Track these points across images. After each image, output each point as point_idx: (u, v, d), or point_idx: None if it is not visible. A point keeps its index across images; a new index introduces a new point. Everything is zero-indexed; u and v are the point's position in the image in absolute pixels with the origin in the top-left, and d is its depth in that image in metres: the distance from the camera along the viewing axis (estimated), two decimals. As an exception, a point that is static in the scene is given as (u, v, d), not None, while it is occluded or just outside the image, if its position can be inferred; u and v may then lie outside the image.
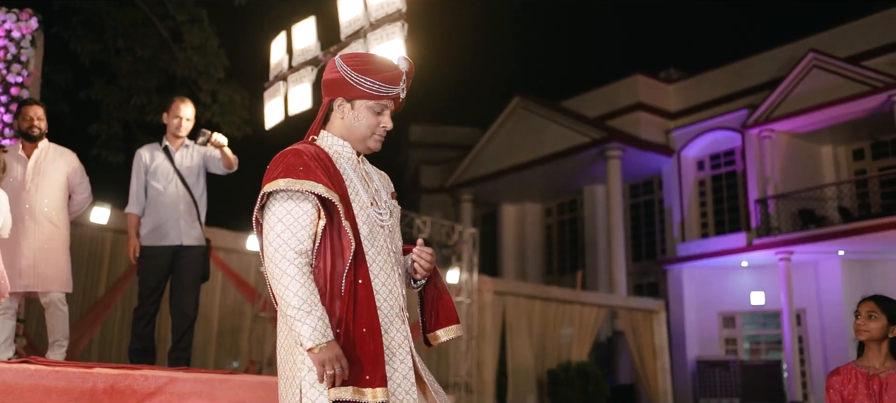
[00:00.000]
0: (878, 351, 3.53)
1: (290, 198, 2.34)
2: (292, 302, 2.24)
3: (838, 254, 17.86)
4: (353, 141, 2.52)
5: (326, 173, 2.37)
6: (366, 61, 2.49)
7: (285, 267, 2.27)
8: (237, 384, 3.69)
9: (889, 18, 17.36)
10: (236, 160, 5.40)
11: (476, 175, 23.10)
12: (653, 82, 21.42)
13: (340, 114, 2.50)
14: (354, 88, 2.45)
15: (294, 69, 5.91)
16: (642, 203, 22.18)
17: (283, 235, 2.30)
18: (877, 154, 18.72)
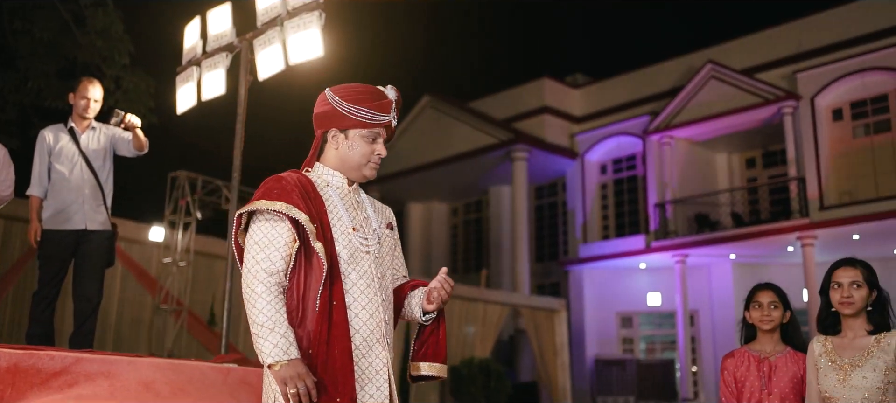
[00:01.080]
0: (771, 338, 3.78)
1: (266, 221, 2.39)
2: (257, 318, 2.27)
3: (730, 258, 18.67)
4: (347, 170, 2.56)
5: (305, 198, 2.41)
6: (357, 92, 2.53)
7: (255, 285, 2.31)
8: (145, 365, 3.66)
9: (781, 34, 18.21)
10: (147, 143, 5.31)
11: (383, 173, 23.10)
12: (559, 86, 21.88)
13: (335, 145, 2.54)
14: (347, 118, 2.50)
15: (208, 54, 5.85)
16: (546, 204, 22.63)
17: (257, 256, 2.35)
18: (767, 163, 19.65)
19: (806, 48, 17.52)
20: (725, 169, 20.09)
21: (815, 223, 16.36)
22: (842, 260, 3.51)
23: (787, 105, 17.19)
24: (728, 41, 19.14)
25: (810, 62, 17.29)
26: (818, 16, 17.73)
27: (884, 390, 3.15)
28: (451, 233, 24.76)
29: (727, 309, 18.66)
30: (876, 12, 16.79)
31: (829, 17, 17.54)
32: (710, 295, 19.26)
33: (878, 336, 3.26)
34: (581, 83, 22.44)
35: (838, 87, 16.85)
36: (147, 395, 3.48)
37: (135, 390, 3.47)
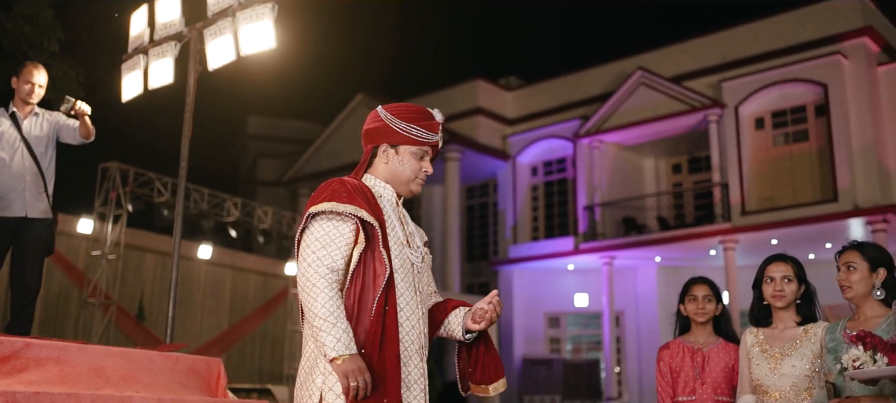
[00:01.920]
0: (704, 329, 3.98)
1: (329, 220, 2.45)
2: (319, 312, 2.31)
3: (655, 260, 19.17)
4: (396, 184, 2.66)
5: (368, 202, 2.50)
6: (409, 111, 2.64)
7: (316, 280, 2.35)
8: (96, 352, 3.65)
9: (708, 44, 18.76)
10: (94, 131, 5.25)
11: (316, 170, 23.01)
12: (493, 88, 22.10)
13: (385, 159, 2.65)
14: (399, 135, 2.61)
15: (156, 43, 5.80)
16: (477, 205, 22.84)
17: (318, 252, 2.40)
18: (692, 168, 20.23)
19: (731, 58, 18.09)
20: (652, 173, 20.61)
21: (737, 227, 16.92)
22: (774, 256, 3.71)
23: (712, 113, 17.74)
24: (657, 49, 19.59)
25: (735, 72, 17.87)
26: (743, 27, 18.33)
27: (811, 377, 3.35)
28: (382, 232, 24.76)
29: (651, 311, 19.16)
30: (797, 26, 17.46)
31: (754, 29, 18.16)
32: (636, 296, 19.73)
33: (806, 327, 3.46)
34: (514, 86, 22.70)
35: (761, 97, 17.47)
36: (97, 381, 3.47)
37: (85, 376, 3.46)
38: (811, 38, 17.09)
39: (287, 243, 13.78)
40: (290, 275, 13.65)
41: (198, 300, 13.01)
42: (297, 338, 13.49)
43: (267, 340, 14.36)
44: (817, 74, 16.77)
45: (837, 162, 16.17)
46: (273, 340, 14.33)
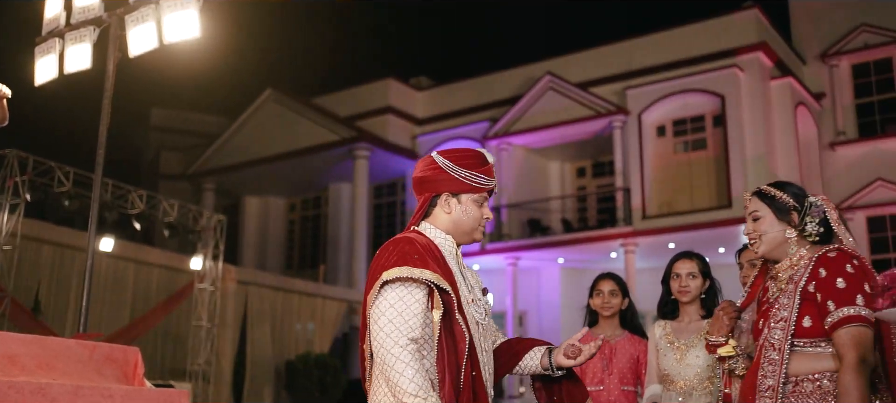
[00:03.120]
0: (611, 323, 4.17)
1: (402, 285, 2.34)
2: (408, 388, 2.22)
3: (558, 262, 19.61)
4: (458, 234, 2.56)
5: (438, 264, 2.40)
6: (467, 157, 2.54)
7: (398, 353, 2.25)
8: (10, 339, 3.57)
9: (615, 51, 19.31)
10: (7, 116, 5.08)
11: (221, 164, 22.62)
12: (404, 88, 22.18)
13: (447, 209, 2.53)
14: (460, 182, 2.51)
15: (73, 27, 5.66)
16: (385, 203, 22.87)
17: (395, 321, 2.29)
18: (596, 173, 20.79)
19: (636, 67, 18.67)
20: (558, 176, 21.07)
21: (638, 231, 17.49)
22: (681, 253, 3.94)
23: (617, 119, 18.28)
24: (566, 54, 20.02)
25: (639, 80, 18.44)
26: (648, 38, 18.94)
27: (713, 367, 3.57)
28: (288, 229, 24.53)
29: (554, 311, 19.59)
30: (698, 39, 18.16)
31: (657, 39, 18.78)
32: (539, 297, 20.13)
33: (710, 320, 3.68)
34: (425, 86, 22.83)
35: (663, 106, 18.10)
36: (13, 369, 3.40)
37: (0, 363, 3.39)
38: (711, 51, 17.80)
39: (192, 237, 13.53)
40: (195, 270, 13.41)
41: (98, 294, 12.63)
42: (201, 334, 13.28)
43: (170, 336, 14.06)
44: (716, 86, 17.49)
45: (732, 170, 16.90)
46: (176, 336, 14.04)
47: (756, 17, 17.86)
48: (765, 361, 2.49)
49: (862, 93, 19.11)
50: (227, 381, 14.65)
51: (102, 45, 5.62)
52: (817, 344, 2.47)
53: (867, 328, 2.37)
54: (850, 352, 2.34)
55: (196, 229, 13.44)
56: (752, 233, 2.67)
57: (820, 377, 2.44)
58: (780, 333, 2.48)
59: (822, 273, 2.46)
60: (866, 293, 2.40)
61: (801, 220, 2.60)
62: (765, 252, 2.65)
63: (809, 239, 2.61)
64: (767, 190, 2.68)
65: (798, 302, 2.47)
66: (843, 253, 2.49)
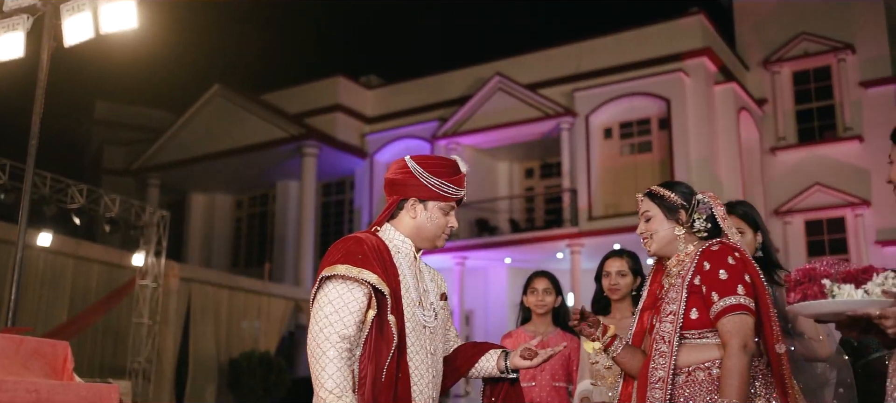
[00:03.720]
0: (544, 320, 4.23)
1: (344, 283, 2.40)
2: (326, 383, 2.30)
3: (505, 262, 19.72)
4: (420, 240, 2.61)
5: (382, 265, 2.44)
6: (439, 165, 2.59)
7: (326, 348, 2.33)
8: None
9: (563, 54, 19.48)
10: None
11: (166, 160, 22.28)
12: (353, 86, 22.10)
13: (412, 214, 2.58)
14: (428, 190, 2.55)
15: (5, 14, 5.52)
16: (333, 202, 22.77)
17: (330, 317, 2.36)
18: (544, 174, 20.97)
19: (584, 69, 18.86)
20: (506, 177, 21.19)
21: (584, 232, 17.66)
22: (611, 252, 4.03)
23: (565, 121, 18.45)
24: (515, 56, 20.14)
25: (587, 83, 18.62)
26: (596, 41, 19.14)
27: None
28: (235, 227, 24.28)
29: (501, 311, 19.69)
30: (644, 43, 18.41)
31: (605, 43, 19.00)
32: (486, 296, 20.22)
33: None
34: (374, 84, 22.78)
35: (610, 108, 18.32)
36: (-67, 362, 3.32)
37: (-80, 356, 3.30)
38: (657, 55, 18.06)
39: (135, 232, 13.31)
40: (137, 266, 13.20)
41: (35, 290, 12.35)
42: (142, 331, 13.07)
43: (110, 333, 13.80)
44: (662, 89, 17.76)
45: (676, 172, 17.16)
46: (116, 333, 13.79)
47: (701, 23, 18.18)
48: (656, 354, 2.56)
49: (802, 100, 19.58)
50: (168, 379, 14.44)
51: (37, 34, 5.51)
52: (704, 336, 2.54)
53: (748, 316, 2.47)
54: (733, 339, 2.43)
55: (138, 225, 13.23)
56: (644, 233, 2.75)
57: (710, 365, 2.52)
58: (670, 326, 2.55)
59: (706, 266, 2.54)
60: (747, 283, 2.49)
61: (690, 218, 2.67)
62: (656, 250, 2.74)
63: (698, 235, 2.68)
64: (657, 190, 2.76)
65: (685, 295, 2.55)
66: (725, 246, 2.58)
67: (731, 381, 2.37)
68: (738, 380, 2.37)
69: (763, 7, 20.12)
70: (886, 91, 18.57)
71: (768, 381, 2.52)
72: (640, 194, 2.81)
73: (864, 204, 17.95)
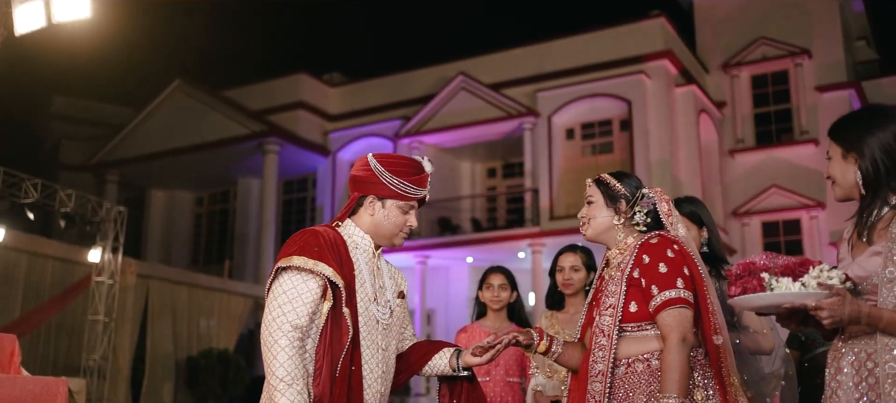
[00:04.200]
0: (499, 315, 4.25)
1: (299, 274, 2.43)
2: (278, 372, 2.31)
3: (467, 261, 19.76)
4: (378, 237, 2.64)
5: (338, 259, 2.47)
6: (400, 164, 2.61)
7: (278, 337, 2.34)
8: None
9: (526, 54, 19.56)
10: None
11: (126, 156, 21.98)
12: (316, 83, 21.99)
13: (371, 211, 2.61)
14: (387, 189, 2.58)
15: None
16: (295, 199, 22.62)
17: (284, 306, 2.39)
18: (506, 173, 21.04)
19: (547, 70, 18.94)
20: (469, 176, 21.23)
21: (545, 231, 17.75)
22: (565, 247, 4.06)
23: (527, 121, 18.53)
24: (478, 55, 20.18)
25: (550, 83, 18.71)
26: (559, 42, 19.24)
27: None
28: (195, 224, 24.02)
29: (462, 309, 19.71)
30: (607, 45, 18.55)
31: (568, 44, 19.11)
32: (447, 295, 20.24)
33: None
34: (338, 82, 22.68)
35: (572, 109, 18.44)
36: None
37: None
38: (619, 57, 18.21)
39: (92, 228, 13.12)
40: (93, 263, 13.00)
41: (-14, 285, 12.15)
42: (98, 328, 12.88)
43: (64, 330, 13.57)
44: (623, 91, 17.92)
45: (637, 173, 17.20)
46: (71, 330, 13.56)
47: (663, 25, 18.37)
48: (595, 347, 2.58)
49: (760, 103, 19.89)
50: (124, 377, 14.25)
51: (-14, 22, 5.40)
52: (643, 328, 2.56)
53: (687, 309, 2.49)
54: (673, 332, 2.45)
55: (95, 220, 13.04)
56: (584, 217, 2.77)
57: (649, 356, 2.54)
58: (609, 319, 2.57)
59: (645, 259, 2.56)
60: (686, 276, 2.52)
61: (630, 209, 2.69)
62: (591, 235, 2.75)
63: (638, 228, 2.70)
64: (604, 177, 2.77)
65: (624, 288, 2.57)
66: (664, 239, 2.60)
67: (671, 375, 2.40)
68: (678, 375, 2.40)
69: (723, 11, 20.40)
70: (841, 96, 18.93)
71: (707, 372, 2.54)
72: (589, 179, 2.81)
73: (819, 207, 18.28)
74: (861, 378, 2.22)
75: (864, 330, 2.22)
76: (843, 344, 2.31)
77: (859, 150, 2.31)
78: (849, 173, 2.34)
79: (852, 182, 2.33)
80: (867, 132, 2.30)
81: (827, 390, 2.35)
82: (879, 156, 2.27)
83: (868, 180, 2.29)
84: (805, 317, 2.22)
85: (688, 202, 3.46)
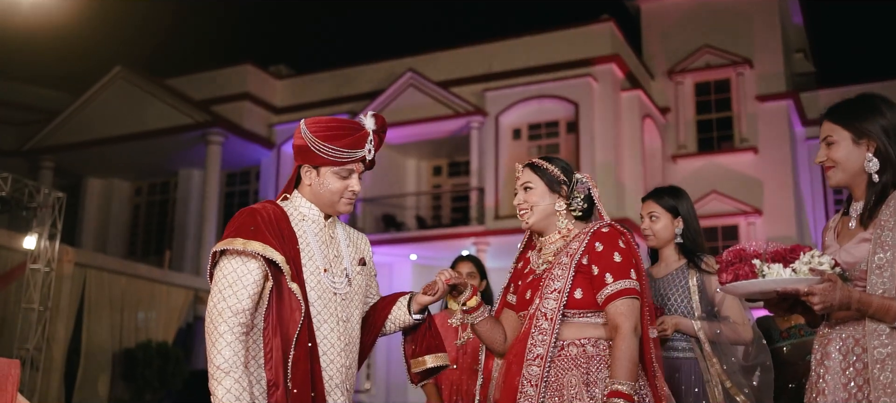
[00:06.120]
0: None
1: (237, 257, 2.38)
2: (215, 360, 2.28)
3: (411, 258, 19.71)
4: (321, 205, 2.58)
5: (279, 235, 2.41)
6: (330, 128, 2.51)
7: (218, 323, 2.31)
8: None
9: (476, 53, 19.61)
10: None
11: (62, 142, 21.38)
12: (262, 74, 21.71)
13: (308, 181, 2.56)
14: (318, 156, 2.50)
15: None
16: (238, 192, 22.30)
17: (224, 292, 2.34)
18: (452, 172, 21.07)
19: (496, 70, 19.03)
20: (414, 174, 21.19)
21: (490, 230, 17.82)
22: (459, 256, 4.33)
23: (475, 120, 18.58)
24: (427, 53, 20.16)
25: (498, 83, 18.79)
26: (508, 42, 19.34)
27: None
28: (133, 213, 23.50)
29: (405, 307, 19.63)
30: (555, 46, 18.72)
31: (517, 44, 19.23)
32: (391, 291, 20.05)
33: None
34: (285, 74, 22.44)
35: (520, 109, 18.54)
36: None
37: None
38: (567, 59, 18.39)
39: (27, 214, 12.71)
40: (29, 250, 12.60)
41: (-85, 271, 11.69)
42: (32, 317, 12.49)
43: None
44: (570, 93, 18.09)
45: (582, 175, 17.48)
46: (3, 319, 13.14)
47: (611, 30, 18.60)
48: (535, 330, 2.56)
49: (702, 110, 20.27)
50: (58, 369, 13.84)
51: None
52: (585, 314, 2.58)
53: (638, 300, 2.53)
54: (626, 321, 2.47)
55: (31, 206, 12.64)
56: (524, 204, 2.73)
57: (585, 342, 2.55)
58: (554, 303, 2.55)
59: (597, 247, 2.57)
60: (636, 267, 2.57)
61: (570, 195, 2.69)
62: (534, 222, 2.72)
63: (574, 213, 2.71)
64: (540, 163, 2.75)
65: (572, 274, 2.56)
66: (615, 229, 2.62)
67: (624, 364, 2.41)
68: (629, 363, 2.41)
69: (669, 19, 20.74)
70: (779, 106, 19.42)
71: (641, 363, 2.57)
72: (519, 165, 2.80)
73: (756, 213, 18.72)
74: (849, 362, 2.27)
75: (852, 316, 2.27)
76: (830, 330, 2.36)
77: (874, 136, 2.34)
78: (857, 158, 2.37)
79: (858, 167, 2.37)
80: (882, 118, 2.34)
81: (813, 375, 2.39)
82: (889, 142, 2.32)
83: (883, 166, 2.33)
84: (794, 303, 2.25)
85: (669, 193, 3.49)
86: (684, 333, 3.29)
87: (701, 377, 3.23)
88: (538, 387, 2.47)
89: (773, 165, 19.04)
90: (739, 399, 3.16)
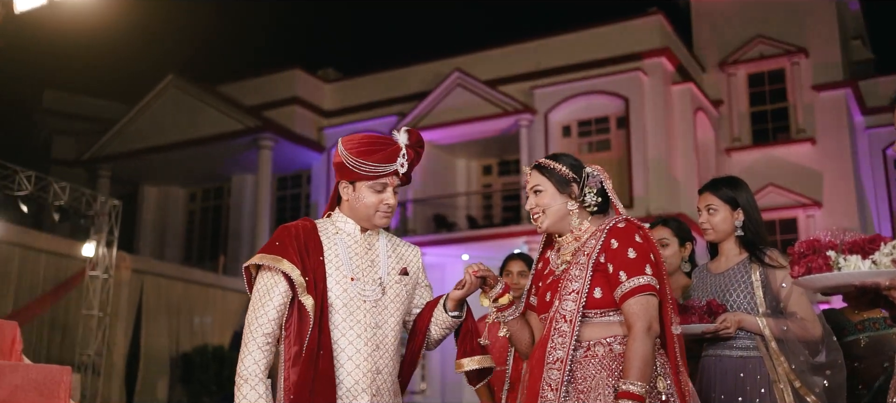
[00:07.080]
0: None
1: (269, 272, 2.56)
2: (238, 368, 2.48)
3: (463, 258, 19.63)
4: (358, 219, 2.68)
5: (303, 249, 2.56)
6: (363, 144, 2.60)
7: (247, 337, 2.51)
8: None
9: (523, 51, 19.47)
10: None
11: (119, 151, 21.78)
12: (311, 79, 21.85)
13: (346, 196, 2.68)
14: (353, 172, 2.60)
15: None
16: (289, 196, 22.48)
17: (254, 305, 2.53)
18: (502, 171, 20.94)
19: (543, 67, 18.87)
20: (464, 173, 21.12)
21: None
22: (511, 254, 4.10)
23: (523, 118, 18.43)
24: (474, 52, 20.07)
25: (546, 80, 18.63)
26: (555, 38, 19.17)
27: None
28: (188, 220, 23.84)
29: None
30: (604, 42, 18.48)
31: (565, 40, 19.03)
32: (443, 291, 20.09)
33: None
34: (332, 78, 22.56)
35: (569, 106, 18.35)
36: None
37: None
38: (616, 54, 18.14)
39: (86, 222, 12.94)
40: (87, 257, 12.83)
41: (-21, 280, 11.98)
42: (92, 323, 12.71)
43: (57, 326, 13.42)
44: (620, 88, 17.85)
45: (634, 171, 17.26)
46: (64, 326, 13.41)
47: (660, 23, 18.30)
48: (555, 333, 2.49)
49: (756, 102, 19.84)
50: (118, 373, 14.10)
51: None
52: (607, 314, 2.50)
53: (654, 297, 2.45)
54: (639, 321, 2.40)
55: (89, 214, 12.86)
56: (535, 208, 2.66)
57: (612, 341, 2.48)
58: (573, 305, 2.48)
59: (613, 244, 2.49)
60: (653, 262, 2.48)
61: (581, 191, 2.61)
62: (548, 226, 2.65)
63: (589, 209, 2.62)
64: (547, 163, 2.67)
65: (590, 273, 2.49)
66: (631, 224, 2.54)
67: (636, 364, 2.35)
68: (642, 363, 2.35)
69: (720, 9, 20.35)
70: (837, 95, 18.91)
71: (665, 361, 2.50)
72: (527, 168, 2.72)
73: (815, 206, 18.25)
74: None
75: None
76: (916, 327, 2.21)
77: None
78: None
79: None
80: None
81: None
82: None
83: None
84: (875, 297, 2.12)
85: (727, 184, 3.34)
86: (748, 331, 3.14)
87: (767, 377, 3.08)
88: (558, 391, 2.41)
89: (833, 156, 18.56)
90: (810, 399, 3.01)
